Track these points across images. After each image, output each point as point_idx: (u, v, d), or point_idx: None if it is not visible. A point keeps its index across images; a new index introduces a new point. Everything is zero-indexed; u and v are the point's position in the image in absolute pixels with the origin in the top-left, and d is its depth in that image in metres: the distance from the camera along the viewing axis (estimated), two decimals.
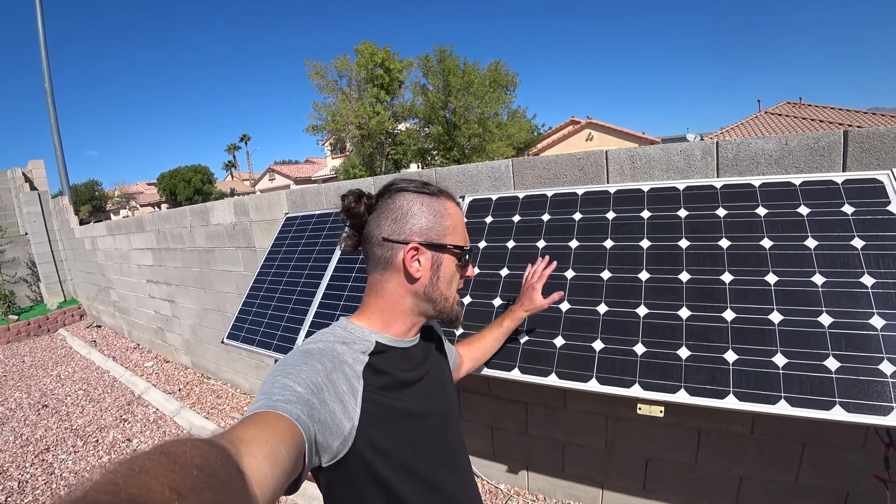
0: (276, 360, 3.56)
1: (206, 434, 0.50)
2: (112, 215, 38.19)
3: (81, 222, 8.24)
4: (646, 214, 1.68)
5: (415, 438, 0.79)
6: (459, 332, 1.75)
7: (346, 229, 0.88)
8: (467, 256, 0.87)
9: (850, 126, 13.82)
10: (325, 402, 0.67)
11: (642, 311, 1.49)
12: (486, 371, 1.61)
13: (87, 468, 3.35)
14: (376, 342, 0.81)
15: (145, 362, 5.57)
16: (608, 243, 1.68)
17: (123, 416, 4.14)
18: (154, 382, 4.86)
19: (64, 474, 3.29)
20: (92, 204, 38.26)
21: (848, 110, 15.86)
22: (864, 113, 15.50)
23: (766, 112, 17.65)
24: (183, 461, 0.36)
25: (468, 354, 1.31)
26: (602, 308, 1.55)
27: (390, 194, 0.85)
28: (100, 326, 7.67)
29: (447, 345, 1.12)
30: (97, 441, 3.73)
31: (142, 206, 40.52)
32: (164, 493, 0.32)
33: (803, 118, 15.47)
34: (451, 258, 0.85)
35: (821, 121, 14.77)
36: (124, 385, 4.90)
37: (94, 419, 4.15)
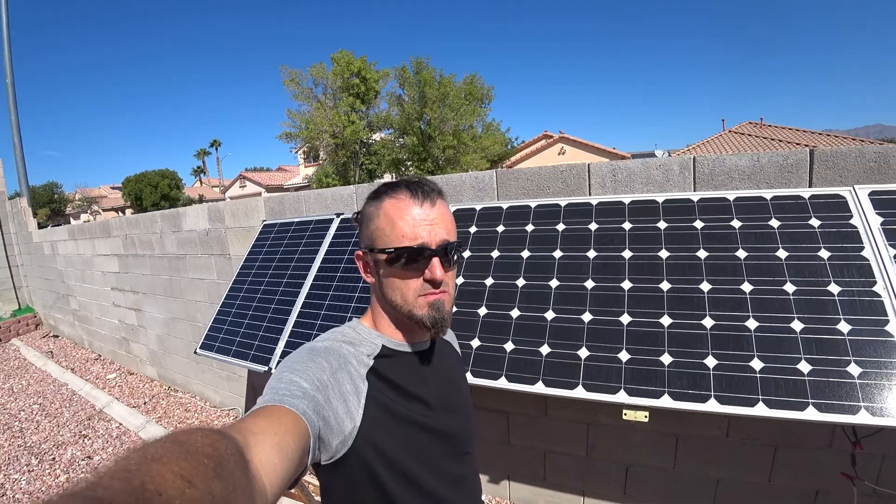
0: (249, 371, 3.47)
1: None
2: (72, 219, 36.57)
3: (39, 226, 7.85)
4: (627, 226, 1.73)
5: (419, 449, 0.78)
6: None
7: None
8: (403, 258, 0.76)
9: (807, 146, 14.60)
10: (329, 399, 0.67)
11: (625, 319, 1.53)
12: (473, 380, 1.62)
13: (43, 488, 3.16)
14: (382, 346, 0.81)
15: (107, 374, 5.32)
16: (591, 254, 1.73)
17: (83, 432, 3.93)
18: (117, 395, 4.64)
19: (17, 495, 3.09)
20: (50, 207, 36.54)
21: (805, 131, 16.80)
22: (820, 134, 16.45)
23: (729, 131, 18.47)
24: (194, 450, 0.37)
25: None
26: (587, 316, 1.59)
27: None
28: (57, 336, 7.29)
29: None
30: (54, 459, 3.53)
31: (104, 210, 38.91)
32: (175, 480, 0.33)
33: (764, 137, 16.27)
34: (384, 261, 0.79)
35: (780, 140, 15.57)
36: (84, 399, 4.66)
37: (51, 435, 3.93)
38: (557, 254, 1.78)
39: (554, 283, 1.72)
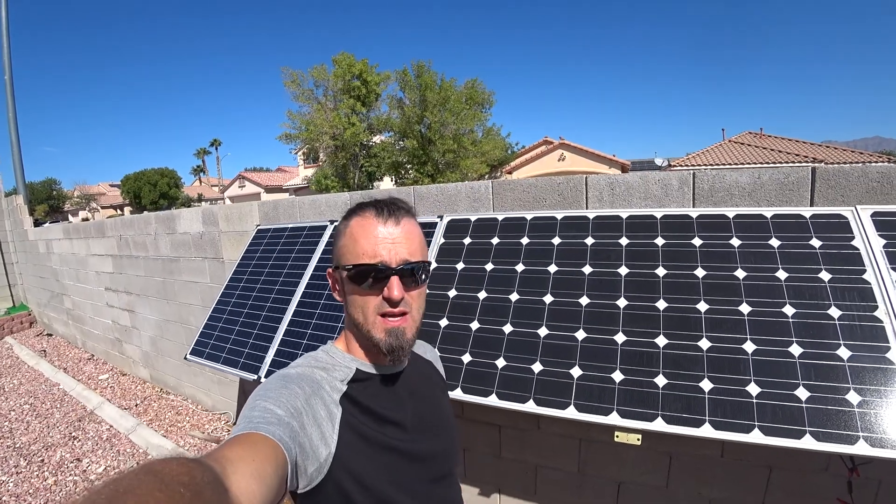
0: (241, 379, 3.43)
1: (166, 453, 0.49)
2: (70, 216, 36.53)
3: (36, 223, 7.82)
4: (624, 241, 1.70)
5: (397, 475, 0.76)
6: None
7: None
8: (361, 275, 0.76)
9: (807, 156, 14.65)
10: (304, 426, 0.66)
11: (620, 338, 1.50)
12: (463, 396, 1.59)
13: (31, 490, 3.12)
14: (356, 369, 0.79)
15: (100, 375, 5.27)
16: (587, 269, 1.69)
17: (73, 434, 3.89)
18: (109, 397, 4.60)
19: (4, 498, 3.05)
20: (48, 204, 36.50)
21: (804, 142, 16.82)
22: (819, 145, 16.49)
23: (729, 140, 18.48)
24: (169, 480, 0.36)
25: None
26: (580, 334, 1.55)
27: None
28: (51, 335, 7.24)
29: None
30: (42, 461, 3.48)
31: (103, 207, 38.84)
32: None
33: (764, 147, 16.29)
34: (347, 279, 0.78)
35: (780, 151, 15.58)
36: (75, 399, 4.62)
37: (41, 436, 3.88)
38: (552, 268, 1.75)
39: (548, 298, 1.68)
